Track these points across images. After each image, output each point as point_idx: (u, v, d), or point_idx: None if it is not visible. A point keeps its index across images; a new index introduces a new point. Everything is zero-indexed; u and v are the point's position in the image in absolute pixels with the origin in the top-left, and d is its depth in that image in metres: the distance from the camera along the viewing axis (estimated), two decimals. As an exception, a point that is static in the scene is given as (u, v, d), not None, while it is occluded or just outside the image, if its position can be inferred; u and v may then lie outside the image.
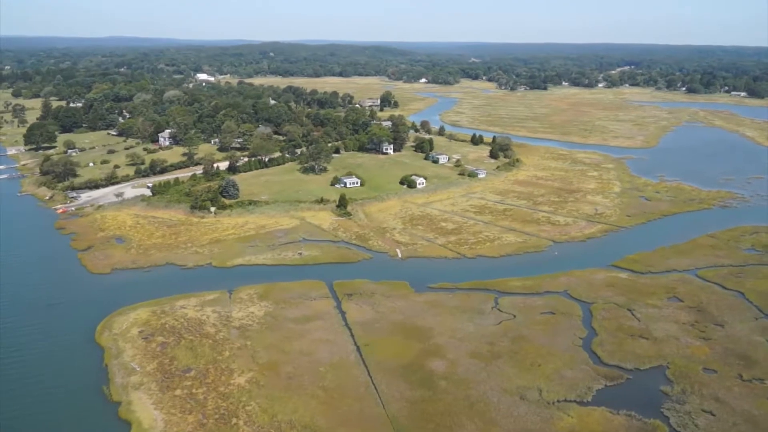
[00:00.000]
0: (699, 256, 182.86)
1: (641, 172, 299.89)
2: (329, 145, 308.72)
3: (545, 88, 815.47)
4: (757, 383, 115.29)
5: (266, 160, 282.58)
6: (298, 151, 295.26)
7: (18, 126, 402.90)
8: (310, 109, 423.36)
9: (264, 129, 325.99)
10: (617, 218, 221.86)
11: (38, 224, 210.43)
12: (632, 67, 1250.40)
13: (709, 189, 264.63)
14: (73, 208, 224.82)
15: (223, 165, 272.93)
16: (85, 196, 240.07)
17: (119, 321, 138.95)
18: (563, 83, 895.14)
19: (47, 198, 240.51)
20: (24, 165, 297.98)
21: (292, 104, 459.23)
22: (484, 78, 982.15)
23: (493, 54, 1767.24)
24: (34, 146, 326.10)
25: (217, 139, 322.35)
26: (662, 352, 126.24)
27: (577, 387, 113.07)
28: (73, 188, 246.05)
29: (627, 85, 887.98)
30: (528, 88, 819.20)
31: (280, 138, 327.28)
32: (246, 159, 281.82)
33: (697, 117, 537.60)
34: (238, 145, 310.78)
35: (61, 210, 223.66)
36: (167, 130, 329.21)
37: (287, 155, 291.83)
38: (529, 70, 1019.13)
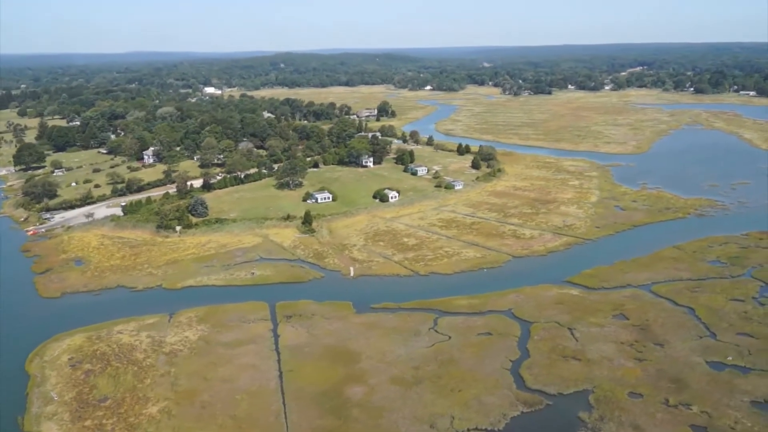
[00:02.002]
0: (659, 269, 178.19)
1: (624, 180, 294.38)
2: (308, 159, 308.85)
3: (549, 93, 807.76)
4: (683, 409, 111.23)
5: (242, 176, 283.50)
6: (276, 166, 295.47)
7: (16, 146, 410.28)
8: (298, 122, 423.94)
9: (246, 144, 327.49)
10: (585, 230, 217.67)
11: (5, 247, 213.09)
12: (644, 67, 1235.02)
13: (689, 197, 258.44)
14: (43, 230, 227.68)
15: (199, 182, 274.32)
16: (59, 217, 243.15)
17: (52, 348, 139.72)
18: (569, 87, 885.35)
19: (22, 219, 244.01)
20: (10, 186, 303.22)
21: (283, 117, 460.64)
22: (490, 83, 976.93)
23: (506, 58, 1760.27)
24: (23, 167, 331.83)
25: (198, 156, 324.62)
26: (591, 374, 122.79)
27: (492, 414, 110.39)
28: (48, 209, 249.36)
29: (634, 86, 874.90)
30: (532, 92, 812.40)
31: (263, 153, 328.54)
32: (222, 176, 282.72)
33: (698, 119, 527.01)
34: (219, 162, 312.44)
35: (31, 232, 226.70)
36: (151, 148, 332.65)
37: (264, 171, 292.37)
38: (536, 74, 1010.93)
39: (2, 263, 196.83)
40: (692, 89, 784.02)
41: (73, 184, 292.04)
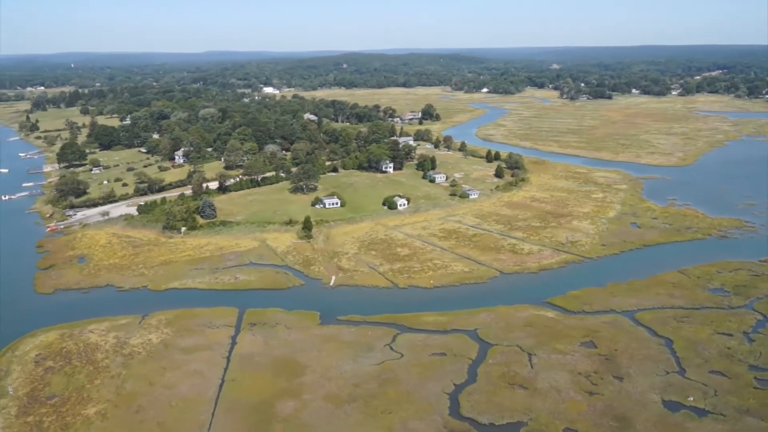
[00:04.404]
0: (651, 295, 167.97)
1: (653, 195, 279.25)
2: (328, 163, 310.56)
3: (609, 97, 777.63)
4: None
5: (259, 179, 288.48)
6: (294, 169, 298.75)
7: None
8: (328, 125, 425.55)
9: (271, 147, 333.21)
10: (589, 248, 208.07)
11: (23, 242, 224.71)
12: (722, 71, 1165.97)
13: (717, 216, 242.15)
14: (61, 227, 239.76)
15: (215, 184, 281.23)
16: (80, 214, 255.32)
17: (26, 343, 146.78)
18: (633, 91, 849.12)
19: (47, 216, 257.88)
20: (49, 182, 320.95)
21: (307, 119, 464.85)
22: (550, 86, 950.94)
23: (577, 59, 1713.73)
24: (66, 164, 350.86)
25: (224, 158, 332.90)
26: (532, 405, 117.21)
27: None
28: (72, 206, 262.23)
29: (705, 92, 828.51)
30: (591, 97, 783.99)
31: (287, 156, 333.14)
32: (239, 178, 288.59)
33: (763, 129, 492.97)
34: (242, 164, 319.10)
35: (50, 228, 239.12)
36: (182, 149, 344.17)
37: (282, 174, 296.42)
38: (600, 77, 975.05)
39: (14, 258, 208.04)
40: None
41: (105, 182, 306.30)
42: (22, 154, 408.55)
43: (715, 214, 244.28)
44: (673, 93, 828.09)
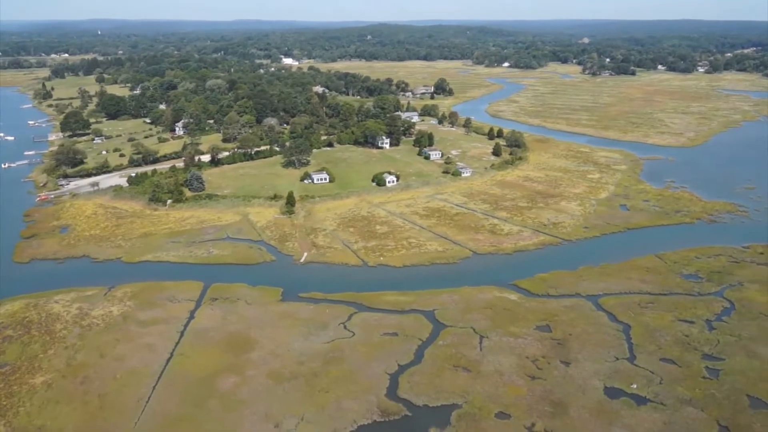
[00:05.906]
0: (621, 279, 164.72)
1: (651, 177, 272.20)
2: (324, 138, 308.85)
3: (633, 73, 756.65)
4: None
5: (252, 152, 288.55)
6: (288, 143, 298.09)
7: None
8: (332, 99, 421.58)
9: (269, 120, 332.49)
10: (570, 230, 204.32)
11: (11, 211, 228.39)
12: (756, 48, 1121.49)
13: (711, 199, 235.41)
14: (52, 196, 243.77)
15: (207, 157, 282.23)
16: (73, 184, 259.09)
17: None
18: (658, 67, 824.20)
19: (41, 185, 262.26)
20: (50, 151, 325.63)
21: (315, 92, 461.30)
22: (573, 61, 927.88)
23: (609, 33, 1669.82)
24: (69, 133, 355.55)
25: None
26: (471, 388, 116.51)
27: (342, 420, 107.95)
28: (65, 176, 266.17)
29: (733, 70, 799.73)
30: (613, 73, 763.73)
31: (286, 130, 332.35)
32: (232, 151, 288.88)
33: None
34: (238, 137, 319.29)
35: (41, 197, 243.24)
36: (183, 120, 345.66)
37: (276, 148, 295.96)
38: (627, 52, 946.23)
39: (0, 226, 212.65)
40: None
41: (104, 152, 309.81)
42: (30, 122, 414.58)
43: (710, 198, 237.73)
44: (700, 70, 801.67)
